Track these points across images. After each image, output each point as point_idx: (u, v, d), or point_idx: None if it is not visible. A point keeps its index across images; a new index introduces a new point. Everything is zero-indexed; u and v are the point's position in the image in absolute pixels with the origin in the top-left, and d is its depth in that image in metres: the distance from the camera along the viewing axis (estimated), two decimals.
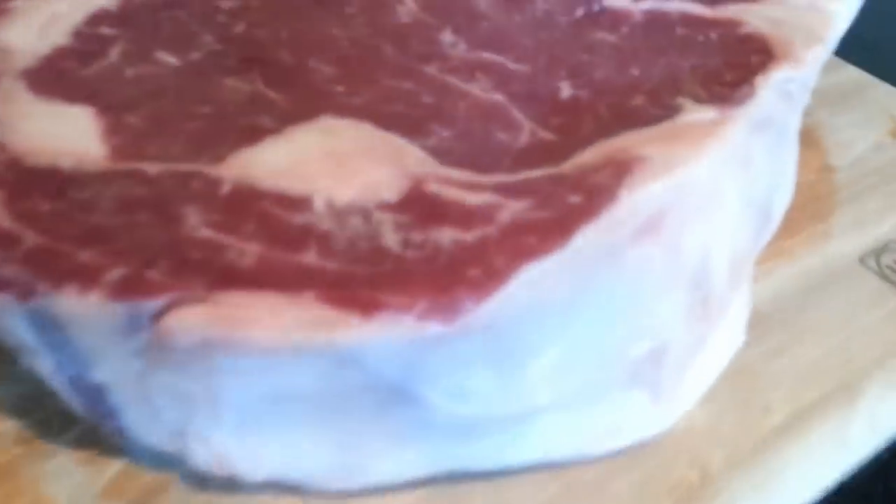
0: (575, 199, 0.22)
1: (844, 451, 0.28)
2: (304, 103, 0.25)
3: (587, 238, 0.21)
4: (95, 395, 0.21)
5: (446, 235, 0.20)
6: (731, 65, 0.28)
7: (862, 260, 0.34)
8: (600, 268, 0.21)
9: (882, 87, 0.46)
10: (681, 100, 0.26)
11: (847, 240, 0.35)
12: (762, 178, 0.26)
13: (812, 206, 0.36)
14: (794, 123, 0.29)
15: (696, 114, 0.25)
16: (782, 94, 0.27)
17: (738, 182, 0.25)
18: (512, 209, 0.21)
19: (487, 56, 0.28)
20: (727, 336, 0.27)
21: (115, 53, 0.26)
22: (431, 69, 0.27)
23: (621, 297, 0.22)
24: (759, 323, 0.30)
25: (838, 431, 0.27)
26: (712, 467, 0.26)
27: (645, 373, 0.24)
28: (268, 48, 0.27)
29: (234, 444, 0.22)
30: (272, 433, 0.22)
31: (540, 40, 0.29)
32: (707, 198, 0.23)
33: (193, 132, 0.24)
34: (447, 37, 0.29)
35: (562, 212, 0.21)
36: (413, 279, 0.19)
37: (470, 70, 0.27)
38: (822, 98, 0.44)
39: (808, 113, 0.42)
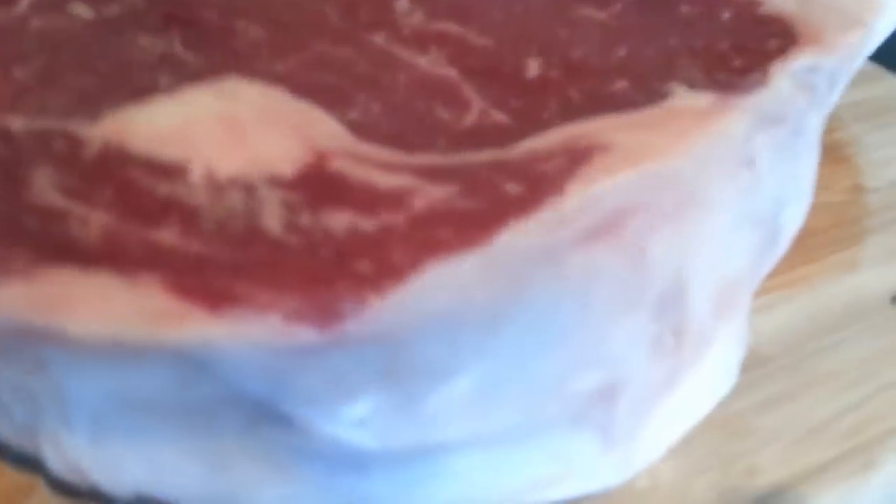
0: (513, 187, 0.18)
1: None
2: (217, 65, 0.21)
3: (520, 236, 0.17)
4: None
5: (341, 221, 0.17)
6: (741, 49, 0.23)
7: (894, 300, 0.29)
8: (536, 274, 0.17)
9: None
10: (672, 85, 0.22)
11: (877, 274, 0.30)
12: (768, 187, 0.22)
13: (838, 230, 0.32)
14: (816, 124, 0.24)
15: (687, 99, 0.21)
16: (803, 86, 0.22)
17: (734, 187, 0.21)
18: (430, 195, 0.17)
19: (447, 27, 0.24)
20: (711, 378, 0.23)
21: (25, 2, 0.23)
22: (377, 38, 0.23)
23: (563, 314, 0.18)
24: (756, 365, 0.25)
25: None
26: None
27: (594, 412, 0.19)
28: (195, 6, 0.24)
29: (90, 452, 0.18)
30: (132, 444, 0.18)
31: (513, 13, 0.25)
32: (687, 200, 0.19)
33: (81, 89, 0.20)
34: (403, 4, 0.25)
35: (492, 201, 0.17)
36: (285, 269, 0.15)
37: (423, 42, 0.23)
38: (858, 111, 0.40)
39: (840, 127, 0.38)
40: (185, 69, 0.21)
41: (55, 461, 0.19)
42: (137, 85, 0.20)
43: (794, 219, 0.24)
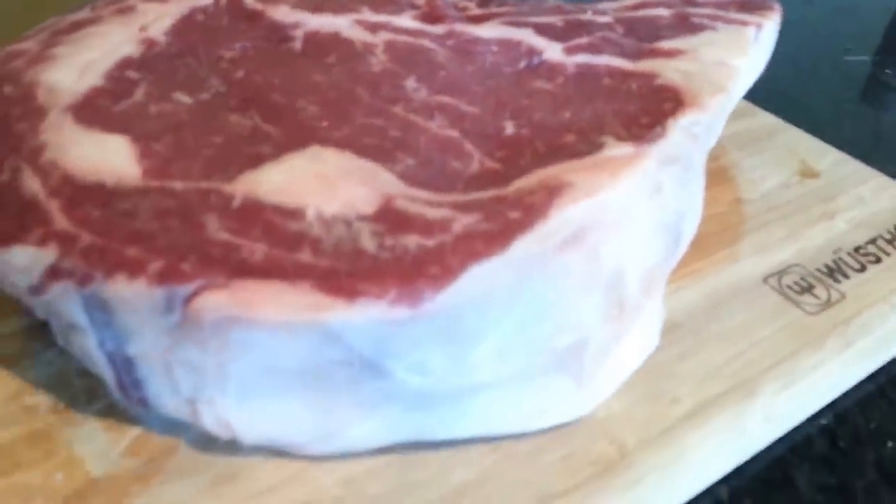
0: (514, 214, 0.27)
1: (742, 439, 0.32)
2: (295, 135, 0.30)
3: (523, 246, 0.26)
4: (126, 367, 0.26)
5: (412, 241, 0.26)
6: (647, 110, 0.34)
7: (765, 280, 0.40)
8: (532, 271, 0.27)
9: (792, 132, 0.52)
10: (604, 138, 0.32)
11: (752, 262, 0.40)
12: (671, 205, 0.32)
13: (722, 234, 0.42)
14: (700, 159, 0.35)
15: (616, 150, 0.31)
16: (689, 135, 0.33)
17: (649, 206, 0.31)
18: (463, 222, 0.27)
19: (444, 99, 0.34)
20: (642, 339, 0.33)
21: (140, 93, 0.31)
22: (398, 109, 0.33)
23: (548, 295, 0.28)
24: (670, 331, 0.35)
25: (736, 422, 0.32)
26: (627, 446, 0.30)
27: (569, 361, 0.29)
28: (263, 91, 0.33)
29: (235, 410, 0.27)
30: (266, 402, 0.27)
31: (488, 87, 0.35)
32: (621, 217, 0.29)
33: (208, 157, 0.29)
34: (411, 83, 0.34)
35: (503, 225, 0.27)
36: (385, 274, 0.25)
37: (430, 111, 0.33)
38: (737, 140, 0.50)
39: (722, 154, 0.49)
40: (273, 139, 0.30)
41: (209, 420, 0.27)
42: (247, 153, 0.29)
43: (690, 227, 0.35)
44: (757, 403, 0.33)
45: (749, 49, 0.38)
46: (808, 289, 0.39)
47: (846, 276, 0.41)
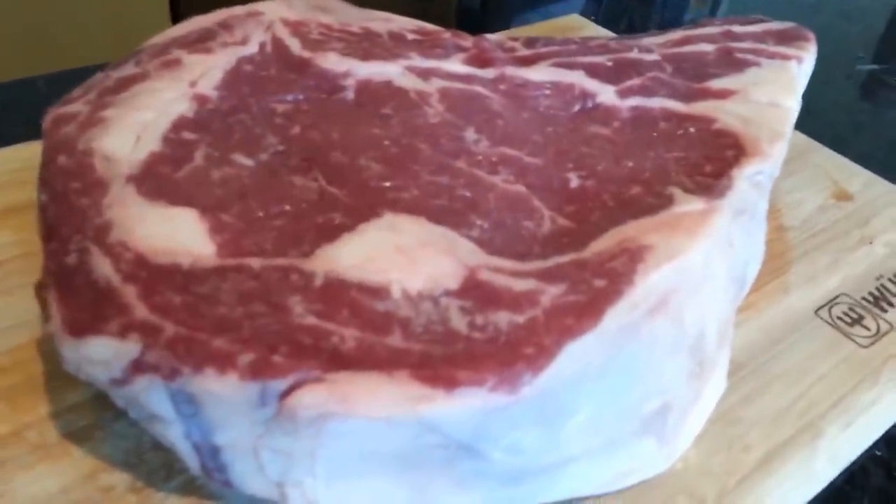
0: (599, 282, 0.27)
1: (810, 482, 0.32)
2: (363, 198, 0.30)
3: (613, 317, 0.26)
4: (212, 454, 0.25)
5: (502, 318, 0.25)
6: (709, 158, 0.33)
7: (816, 312, 0.40)
8: (623, 341, 0.26)
9: (823, 151, 0.52)
10: (671, 189, 0.32)
11: (802, 294, 0.40)
12: (740, 255, 0.32)
13: (770, 263, 0.42)
14: (763, 206, 0.34)
15: (688, 205, 0.30)
16: (754, 184, 0.32)
17: (724, 261, 0.30)
18: (551, 294, 0.26)
19: (506, 151, 0.33)
20: (714, 385, 0.33)
21: (199, 156, 0.30)
22: (461, 164, 0.32)
23: (638, 364, 0.27)
24: (734, 371, 0.35)
25: (805, 465, 0.32)
26: (707, 499, 0.30)
27: (654, 424, 0.29)
28: (323, 148, 0.32)
29: (325, 491, 0.26)
30: (357, 482, 0.26)
31: (547, 135, 0.34)
32: (702, 277, 0.29)
33: (280, 228, 0.28)
34: (470, 134, 0.34)
35: (590, 295, 0.26)
36: (482, 358, 0.24)
37: (493, 164, 0.32)
38: None
39: None
40: (341, 204, 0.29)
41: (297, 501, 0.26)
42: (319, 222, 0.28)
43: (753, 271, 0.35)
44: (822, 444, 0.33)
45: (796, 87, 0.37)
46: (858, 320, 0.40)
47: (891, 305, 0.41)
